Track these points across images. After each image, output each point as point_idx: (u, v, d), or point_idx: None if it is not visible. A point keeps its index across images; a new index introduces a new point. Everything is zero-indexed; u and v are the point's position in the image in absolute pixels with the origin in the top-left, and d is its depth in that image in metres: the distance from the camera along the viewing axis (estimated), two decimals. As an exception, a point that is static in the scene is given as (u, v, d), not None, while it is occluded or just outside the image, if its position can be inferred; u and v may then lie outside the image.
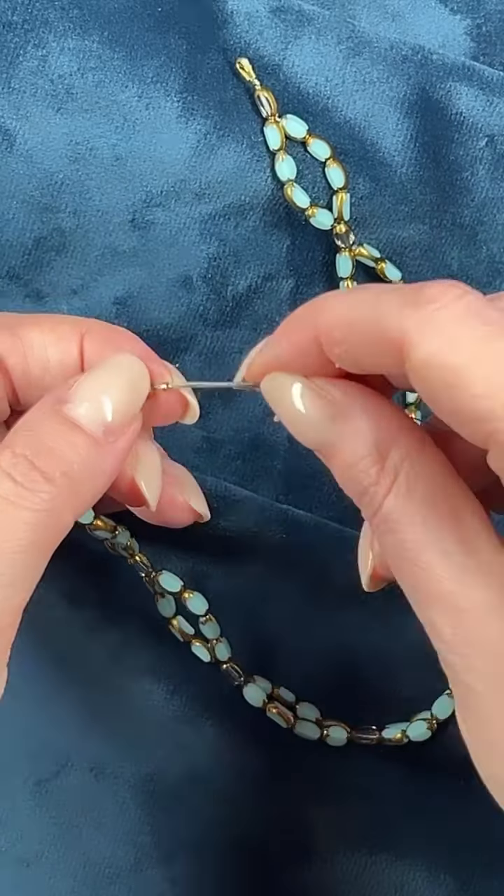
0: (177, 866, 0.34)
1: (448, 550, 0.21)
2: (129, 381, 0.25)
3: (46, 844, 0.35)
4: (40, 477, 0.23)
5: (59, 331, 0.27)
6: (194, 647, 0.35)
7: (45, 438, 0.23)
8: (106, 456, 0.24)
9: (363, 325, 0.21)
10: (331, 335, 0.22)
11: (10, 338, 0.26)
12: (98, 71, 0.33)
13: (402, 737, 0.34)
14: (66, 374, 0.27)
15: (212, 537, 0.34)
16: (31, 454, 0.23)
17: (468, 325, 0.19)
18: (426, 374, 0.20)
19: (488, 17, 0.36)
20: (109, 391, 0.25)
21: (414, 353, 0.20)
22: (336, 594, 0.35)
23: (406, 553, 0.21)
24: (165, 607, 0.35)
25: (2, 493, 0.23)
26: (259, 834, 0.34)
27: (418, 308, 0.20)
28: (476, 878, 0.34)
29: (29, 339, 0.26)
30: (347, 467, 0.22)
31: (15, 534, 0.22)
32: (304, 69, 0.34)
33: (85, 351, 0.27)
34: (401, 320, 0.20)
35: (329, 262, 0.35)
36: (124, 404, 0.25)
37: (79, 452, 0.24)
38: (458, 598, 0.20)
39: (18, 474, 0.23)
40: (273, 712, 0.34)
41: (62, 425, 0.24)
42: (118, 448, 0.25)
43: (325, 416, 0.23)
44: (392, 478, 0.22)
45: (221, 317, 0.35)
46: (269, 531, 0.34)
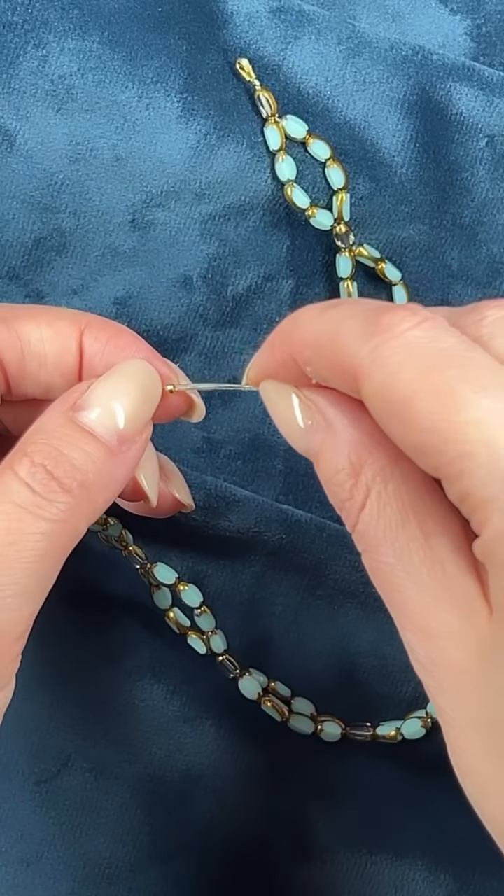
0: (177, 866, 0.34)
1: (416, 573, 0.20)
2: (141, 388, 0.25)
3: (46, 844, 0.35)
4: (58, 487, 0.23)
5: (56, 326, 0.26)
6: (190, 639, 0.35)
7: (63, 447, 0.23)
8: (119, 464, 0.24)
9: (325, 351, 0.21)
10: (302, 354, 0.22)
11: (7, 332, 0.26)
12: (98, 71, 0.33)
13: (397, 734, 0.34)
14: (63, 369, 0.27)
15: (212, 537, 0.34)
16: (50, 464, 0.23)
17: (414, 357, 0.19)
18: (376, 406, 0.20)
19: (488, 17, 0.36)
20: (122, 398, 0.24)
21: (365, 385, 0.20)
22: (334, 593, 0.35)
23: (381, 573, 0.21)
24: (162, 599, 0.35)
25: (20, 502, 0.23)
26: (259, 833, 0.34)
27: (371, 339, 0.20)
28: (476, 878, 0.34)
29: (26, 333, 0.26)
30: (328, 479, 0.22)
31: (31, 543, 0.22)
32: (304, 69, 0.34)
33: (84, 347, 0.27)
34: (356, 351, 0.20)
35: (329, 262, 0.35)
36: (137, 412, 0.25)
37: (94, 462, 0.24)
38: (426, 621, 0.20)
39: (37, 484, 0.23)
40: (268, 706, 0.34)
41: (78, 434, 0.24)
42: (131, 456, 0.25)
43: (311, 425, 0.23)
44: (364, 495, 0.21)
45: (221, 317, 0.35)
46: (268, 531, 0.34)
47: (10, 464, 0.23)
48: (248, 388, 0.25)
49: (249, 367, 0.25)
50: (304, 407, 0.23)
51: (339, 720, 0.35)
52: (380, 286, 0.35)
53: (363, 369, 0.20)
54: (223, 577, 0.35)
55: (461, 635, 0.20)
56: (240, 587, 0.35)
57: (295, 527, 0.34)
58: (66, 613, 0.35)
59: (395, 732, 0.34)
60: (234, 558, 0.35)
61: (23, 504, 0.23)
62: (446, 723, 0.21)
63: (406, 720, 0.35)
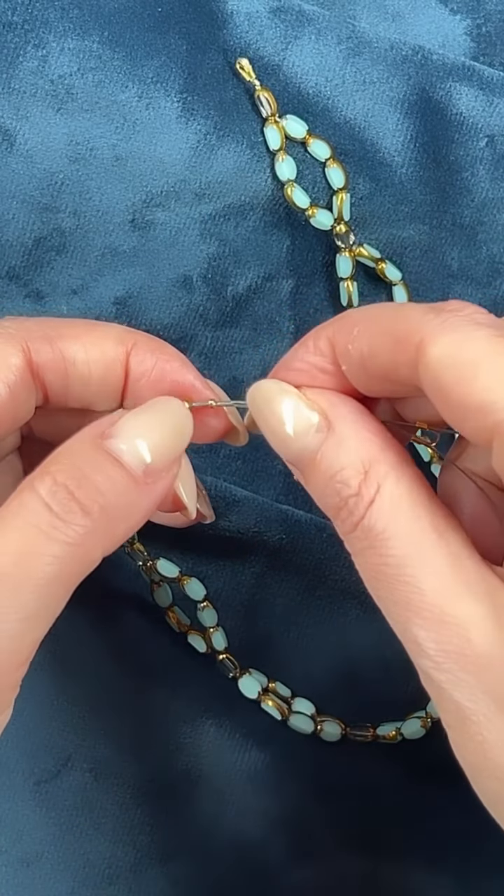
0: (177, 866, 0.34)
1: (432, 564, 0.21)
2: (172, 425, 0.25)
3: (46, 844, 0.35)
4: (78, 508, 0.22)
5: (103, 347, 0.26)
6: (190, 637, 0.35)
7: (87, 469, 0.23)
8: (144, 495, 0.24)
9: (384, 322, 0.22)
10: (347, 331, 0.23)
11: (52, 352, 0.25)
12: (98, 71, 0.33)
13: (396, 734, 0.34)
14: (107, 389, 0.26)
15: (212, 537, 0.34)
16: (73, 484, 0.22)
17: (481, 330, 0.21)
18: (439, 368, 0.21)
19: (488, 17, 0.36)
20: (152, 434, 0.24)
21: (430, 349, 0.21)
22: (334, 593, 0.35)
23: (387, 568, 0.21)
24: (163, 596, 0.35)
25: (36, 522, 0.22)
26: (259, 833, 0.34)
27: (438, 314, 0.21)
28: (476, 878, 0.34)
29: (71, 353, 0.25)
30: (328, 478, 0.22)
31: (41, 566, 0.22)
32: (304, 69, 0.34)
33: (130, 368, 0.26)
34: (421, 321, 0.21)
35: (329, 262, 0.35)
36: (166, 448, 0.24)
37: (118, 488, 0.23)
38: (444, 610, 0.20)
39: (56, 504, 0.22)
40: (268, 704, 0.35)
41: (104, 459, 0.23)
42: (157, 489, 0.24)
43: (310, 424, 0.23)
44: (375, 489, 0.21)
45: (221, 317, 0.35)
46: (268, 531, 0.34)
47: (32, 481, 0.22)
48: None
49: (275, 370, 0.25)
50: (303, 405, 0.23)
51: (339, 720, 0.35)
52: (380, 286, 0.35)
53: (430, 335, 0.21)
54: (223, 577, 0.35)
55: (483, 621, 0.20)
56: (240, 587, 0.35)
57: (295, 527, 0.34)
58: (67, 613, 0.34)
59: (395, 732, 0.35)
60: (234, 558, 0.35)
61: (38, 524, 0.22)
62: (464, 718, 0.21)
63: (406, 720, 0.35)
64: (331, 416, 0.23)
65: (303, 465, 0.23)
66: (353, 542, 0.22)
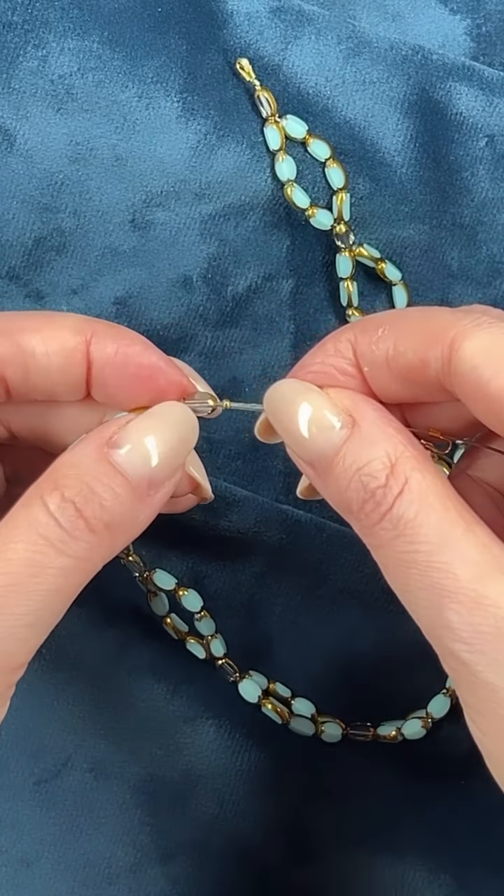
0: (177, 866, 0.34)
1: (464, 550, 0.21)
2: (179, 433, 0.25)
3: (46, 844, 0.35)
4: (85, 526, 0.23)
5: (61, 338, 0.26)
6: (189, 644, 0.35)
7: (94, 486, 0.23)
8: (144, 508, 0.24)
9: (413, 322, 0.23)
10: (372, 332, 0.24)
11: (10, 345, 0.26)
12: (98, 71, 0.33)
13: (397, 734, 0.34)
14: (70, 379, 0.26)
15: (211, 537, 0.34)
16: (80, 502, 0.23)
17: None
18: (476, 361, 0.22)
19: (488, 17, 0.36)
20: (159, 443, 0.24)
21: (466, 343, 0.22)
22: (334, 593, 0.35)
23: (419, 555, 0.21)
24: (159, 606, 0.35)
25: (46, 535, 0.23)
26: (259, 834, 0.34)
27: (469, 315, 0.23)
28: (476, 878, 0.34)
29: (30, 346, 0.26)
30: (354, 471, 0.22)
31: (50, 577, 0.22)
32: (304, 69, 0.34)
33: (92, 357, 0.26)
34: (452, 319, 0.22)
35: (329, 262, 0.35)
36: (171, 457, 0.24)
37: (123, 504, 0.23)
38: (479, 593, 0.21)
39: (65, 519, 0.23)
40: (268, 708, 0.34)
41: (110, 473, 0.23)
42: (156, 501, 0.24)
43: (335, 421, 0.23)
44: (403, 481, 0.22)
45: (221, 317, 0.35)
46: (268, 531, 0.34)
47: (41, 492, 0.23)
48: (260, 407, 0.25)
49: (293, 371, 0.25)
50: (327, 402, 0.24)
51: (339, 721, 0.35)
52: (380, 286, 0.35)
53: (465, 330, 0.22)
54: (223, 578, 0.35)
55: None
56: (240, 587, 0.35)
57: (295, 527, 0.34)
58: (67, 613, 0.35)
59: (395, 733, 0.35)
60: (234, 558, 0.35)
61: (48, 537, 0.22)
62: (500, 701, 0.21)
63: (406, 720, 0.35)
64: (355, 414, 0.23)
65: (324, 462, 0.23)
66: (378, 534, 0.22)
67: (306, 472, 0.24)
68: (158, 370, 0.26)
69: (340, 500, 0.23)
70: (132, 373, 0.26)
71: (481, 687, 0.21)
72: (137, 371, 0.26)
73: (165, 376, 0.26)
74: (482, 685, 0.21)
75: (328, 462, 0.23)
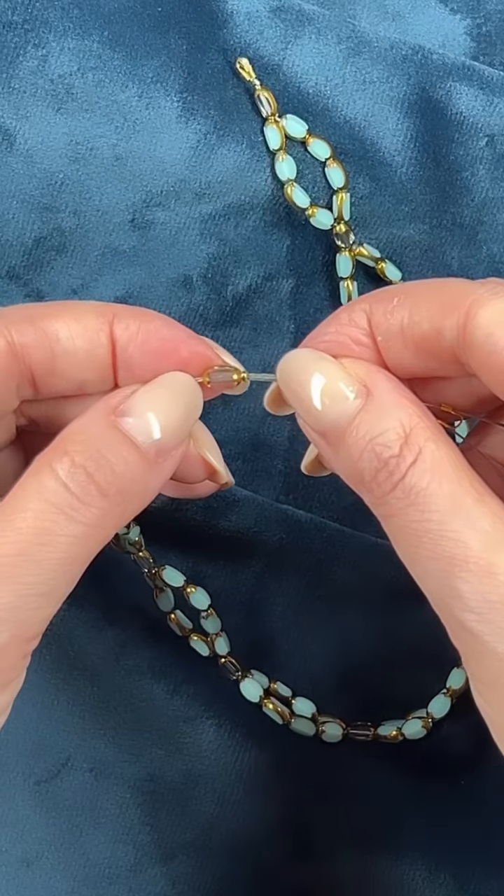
0: (177, 866, 0.34)
1: (476, 520, 0.21)
2: (184, 402, 0.25)
3: (46, 844, 0.35)
4: (96, 491, 0.23)
5: (84, 321, 0.26)
6: (193, 641, 0.35)
7: (105, 451, 0.23)
8: (154, 475, 0.24)
9: (429, 290, 0.23)
10: (387, 301, 0.24)
11: (35, 331, 0.25)
12: (98, 71, 0.33)
13: (398, 734, 0.34)
14: (96, 363, 0.26)
15: (211, 537, 0.34)
16: (91, 466, 0.23)
17: None
18: (492, 327, 0.22)
19: (488, 17, 0.36)
20: (164, 411, 0.24)
21: (482, 311, 0.22)
22: (335, 593, 0.35)
23: (430, 524, 0.21)
24: (164, 602, 0.35)
25: (56, 502, 0.22)
26: (259, 834, 0.34)
27: (485, 284, 0.23)
28: (476, 878, 0.34)
29: (54, 331, 0.25)
30: (367, 441, 0.22)
31: (62, 545, 0.22)
32: (304, 69, 0.34)
33: (115, 337, 0.26)
34: (469, 288, 0.23)
35: (329, 261, 0.35)
36: (177, 426, 0.24)
37: (132, 469, 0.23)
38: (490, 560, 0.21)
39: (75, 485, 0.22)
40: (269, 708, 0.34)
41: (120, 440, 0.23)
42: (165, 468, 0.24)
43: (349, 390, 0.23)
44: (417, 451, 0.22)
45: (221, 317, 0.35)
46: (268, 531, 0.34)
47: (49, 460, 0.23)
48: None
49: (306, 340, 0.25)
50: (341, 371, 0.24)
51: (339, 721, 0.35)
52: (380, 286, 0.35)
53: (481, 299, 0.22)
54: (223, 578, 0.35)
55: None
56: (240, 587, 0.35)
57: (295, 527, 0.34)
58: (67, 612, 0.35)
59: (395, 732, 0.34)
60: (234, 558, 0.35)
61: (58, 504, 0.22)
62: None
63: (407, 720, 0.35)
64: (369, 384, 0.23)
65: (337, 432, 0.23)
66: (390, 503, 0.22)
67: (317, 443, 0.24)
68: (181, 341, 0.26)
69: (353, 470, 0.23)
70: (155, 347, 0.26)
71: (489, 656, 0.21)
72: (160, 345, 0.26)
73: (188, 347, 0.26)
74: (490, 654, 0.21)
75: (341, 432, 0.23)
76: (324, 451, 0.24)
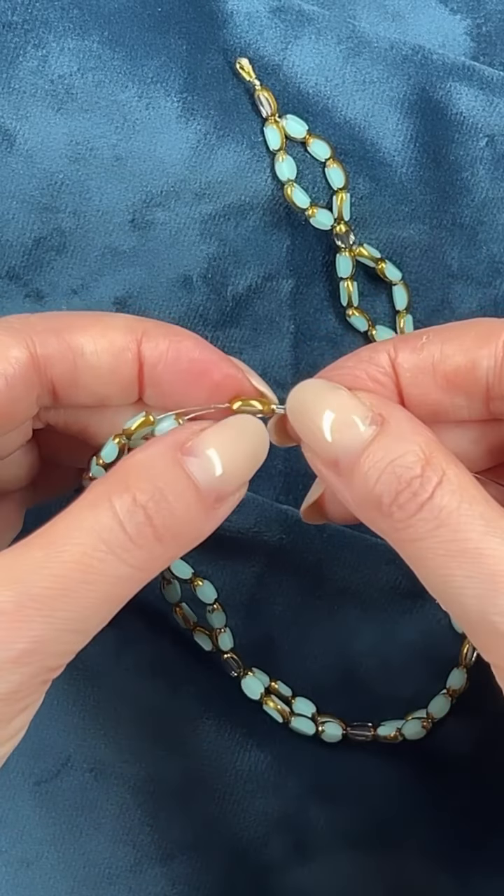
0: (177, 866, 0.34)
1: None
2: (252, 448, 0.24)
3: (46, 844, 0.35)
4: (152, 535, 0.22)
5: (111, 337, 0.25)
6: (196, 635, 0.35)
7: (167, 492, 0.22)
8: (209, 521, 0.23)
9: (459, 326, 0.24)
10: (415, 339, 0.24)
11: (59, 344, 0.25)
12: (98, 71, 0.33)
13: (397, 734, 0.34)
14: (120, 379, 0.25)
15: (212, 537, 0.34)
16: (152, 508, 0.22)
17: None
18: None
19: (488, 17, 0.36)
20: (232, 455, 0.23)
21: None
22: (335, 593, 0.35)
23: (468, 543, 0.21)
24: (171, 593, 0.34)
25: (109, 541, 0.21)
26: (259, 834, 0.34)
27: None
28: (476, 878, 0.34)
29: (79, 345, 0.25)
30: (385, 463, 0.22)
31: (105, 585, 0.22)
32: (304, 69, 0.34)
33: (143, 355, 0.25)
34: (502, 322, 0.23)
35: (329, 262, 0.35)
36: (241, 472, 0.24)
37: (191, 515, 0.23)
38: None
39: (132, 526, 0.22)
40: (270, 706, 0.34)
41: (184, 482, 0.22)
42: (220, 514, 0.24)
43: (362, 418, 0.23)
44: (441, 472, 0.22)
45: (221, 317, 0.35)
46: (269, 531, 0.34)
47: (109, 494, 0.22)
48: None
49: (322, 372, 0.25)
50: (356, 401, 0.23)
51: (339, 720, 0.35)
52: (380, 286, 0.35)
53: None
54: (223, 577, 0.35)
55: None
56: (240, 587, 0.35)
57: (295, 527, 0.34)
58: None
59: (395, 733, 0.34)
60: (234, 558, 0.35)
61: (110, 543, 0.21)
62: None
63: (407, 720, 0.35)
64: (384, 413, 0.23)
65: (349, 459, 0.23)
66: (416, 526, 0.22)
67: (325, 476, 0.24)
68: (212, 364, 0.25)
69: (368, 496, 0.22)
70: (185, 368, 0.25)
71: None
72: (190, 366, 0.25)
73: (220, 370, 0.25)
74: None
75: (355, 458, 0.22)
76: (333, 482, 0.24)
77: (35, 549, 0.22)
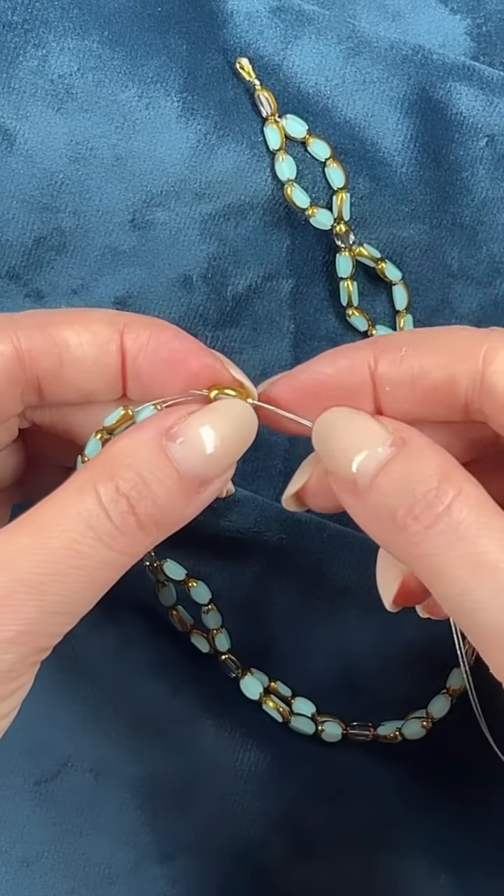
0: (177, 866, 0.34)
1: None
2: (239, 431, 0.25)
3: (46, 844, 0.35)
4: (135, 523, 0.23)
5: (94, 329, 0.25)
6: (193, 637, 0.35)
7: (150, 481, 0.23)
8: (192, 505, 0.24)
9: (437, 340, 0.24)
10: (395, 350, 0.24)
11: (44, 338, 0.25)
12: (98, 71, 0.33)
13: (397, 734, 0.34)
14: (105, 372, 0.26)
15: (212, 537, 0.34)
16: (135, 497, 0.22)
17: None
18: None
19: (488, 17, 0.36)
20: (218, 439, 0.24)
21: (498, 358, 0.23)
22: (334, 593, 0.35)
23: (488, 556, 0.21)
24: (167, 596, 0.35)
25: (96, 527, 0.22)
26: (259, 834, 0.34)
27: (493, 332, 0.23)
28: (476, 878, 0.34)
29: (63, 338, 0.25)
30: (402, 478, 0.22)
31: (92, 569, 0.22)
32: (304, 69, 0.34)
33: (126, 347, 0.26)
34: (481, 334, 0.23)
35: (329, 262, 0.35)
36: (227, 455, 0.24)
37: (174, 502, 0.23)
38: None
39: (116, 514, 0.22)
40: (269, 706, 0.34)
41: (167, 469, 0.23)
42: (204, 498, 0.24)
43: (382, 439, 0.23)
44: (458, 487, 0.22)
45: (221, 317, 0.35)
46: (269, 531, 0.34)
47: (94, 480, 0.23)
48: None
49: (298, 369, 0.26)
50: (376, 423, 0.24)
51: (339, 720, 0.35)
52: (380, 286, 0.35)
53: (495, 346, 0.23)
54: (223, 577, 0.35)
55: None
56: (240, 587, 0.35)
57: (295, 527, 0.34)
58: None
59: (395, 733, 0.34)
60: (234, 558, 0.35)
61: (96, 530, 0.22)
62: None
63: (406, 720, 0.35)
64: (405, 436, 0.23)
65: (367, 477, 0.23)
66: (431, 539, 0.22)
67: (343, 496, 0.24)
68: (191, 353, 0.25)
69: (383, 511, 0.23)
70: (164, 357, 0.25)
71: None
72: (170, 355, 0.25)
73: (198, 359, 0.25)
74: None
75: (373, 476, 0.23)
76: (349, 500, 0.24)
77: (23, 534, 0.22)
